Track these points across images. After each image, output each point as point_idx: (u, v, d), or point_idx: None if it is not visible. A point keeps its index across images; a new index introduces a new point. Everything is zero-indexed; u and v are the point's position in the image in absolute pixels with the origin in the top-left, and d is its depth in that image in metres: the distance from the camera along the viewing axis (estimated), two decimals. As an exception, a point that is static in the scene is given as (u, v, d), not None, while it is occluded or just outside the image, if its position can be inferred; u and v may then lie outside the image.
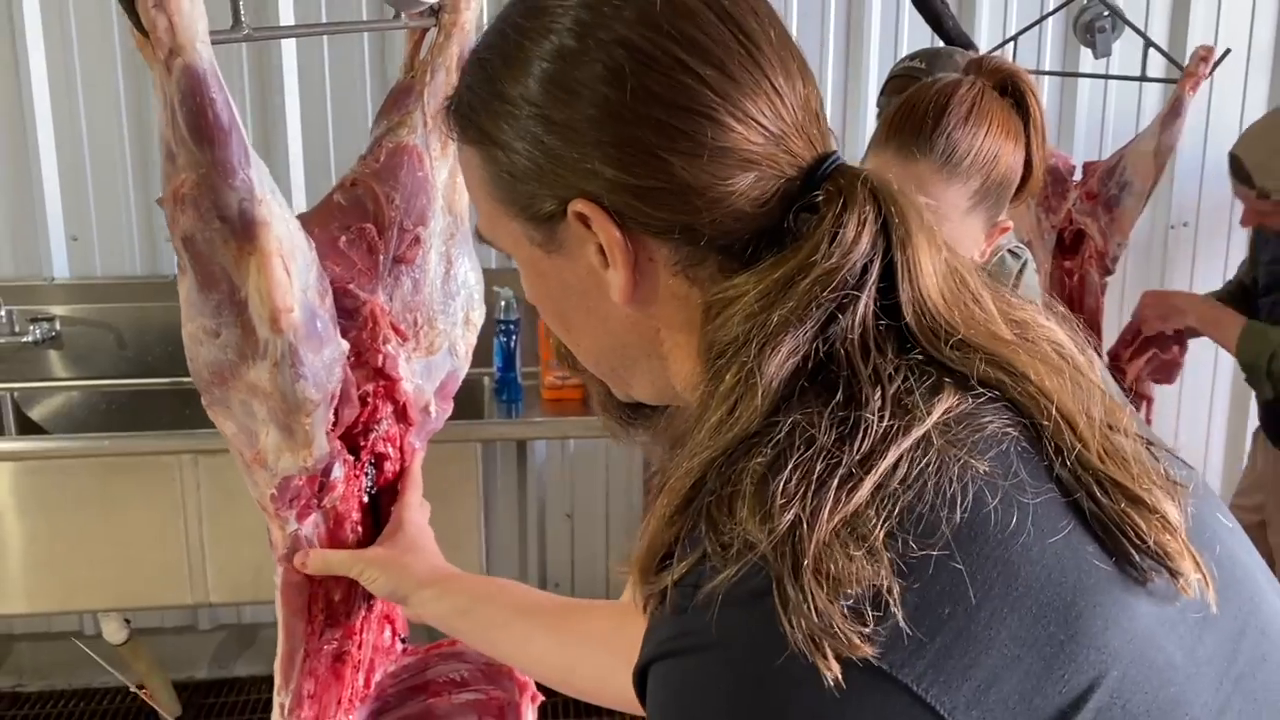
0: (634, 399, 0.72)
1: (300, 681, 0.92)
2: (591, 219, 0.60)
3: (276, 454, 0.85)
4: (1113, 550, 0.55)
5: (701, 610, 0.52)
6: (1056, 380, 0.58)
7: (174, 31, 0.72)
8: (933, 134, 1.24)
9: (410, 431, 0.98)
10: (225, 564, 2.16)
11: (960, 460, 0.54)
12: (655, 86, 0.58)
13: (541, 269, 0.66)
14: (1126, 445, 0.58)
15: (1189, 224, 2.90)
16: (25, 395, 2.50)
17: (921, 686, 0.50)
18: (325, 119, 2.56)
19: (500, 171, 0.63)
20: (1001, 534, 0.53)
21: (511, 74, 0.61)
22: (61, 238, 2.56)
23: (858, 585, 0.50)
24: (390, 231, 0.91)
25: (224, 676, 2.84)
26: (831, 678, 0.49)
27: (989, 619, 0.51)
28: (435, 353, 0.97)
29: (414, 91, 0.94)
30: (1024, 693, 0.51)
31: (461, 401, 2.58)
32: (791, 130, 0.61)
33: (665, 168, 0.59)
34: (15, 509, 2.12)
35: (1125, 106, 2.78)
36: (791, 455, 0.53)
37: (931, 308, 0.59)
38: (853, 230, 0.58)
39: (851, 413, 0.54)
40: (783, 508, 0.52)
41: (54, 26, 2.45)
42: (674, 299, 0.63)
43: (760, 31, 0.61)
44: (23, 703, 2.76)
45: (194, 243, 0.78)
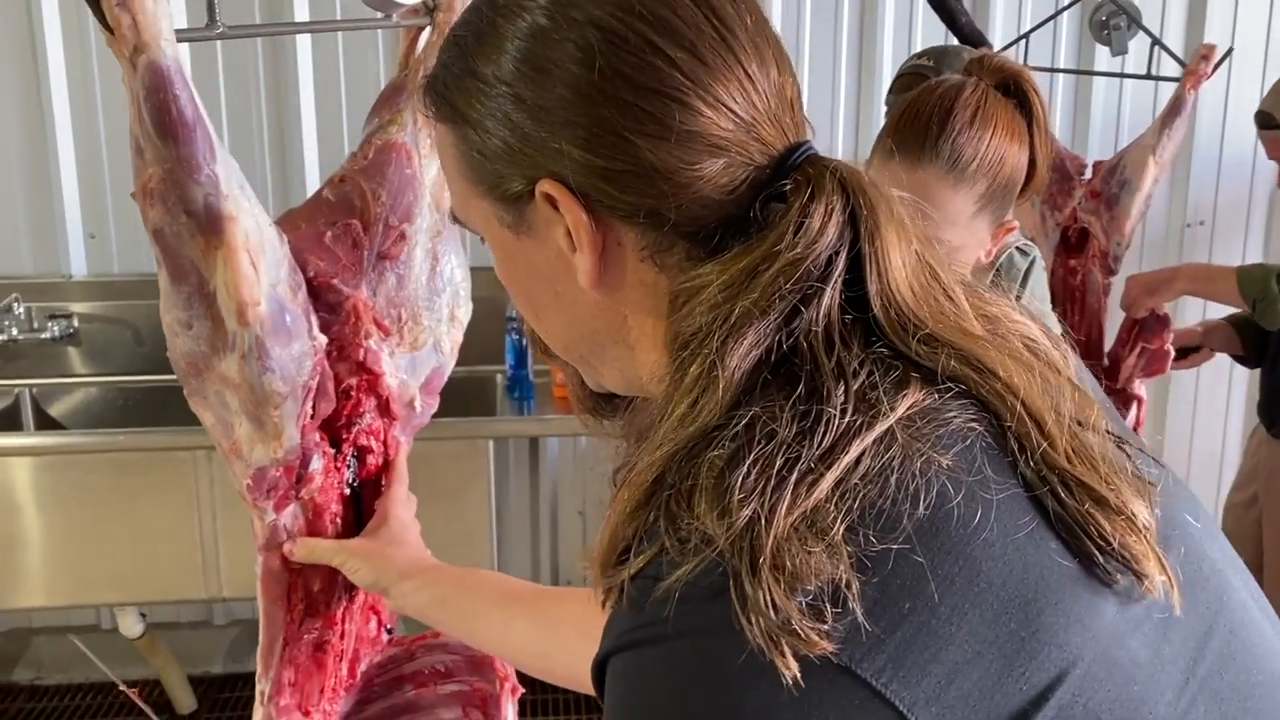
0: (606, 388, 0.71)
1: (280, 669, 0.93)
2: (559, 200, 0.59)
3: (250, 445, 0.86)
4: (1076, 550, 0.54)
5: (659, 605, 0.51)
6: (1025, 377, 0.57)
7: (138, 29, 0.73)
8: (938, 140, 1.24)
9: (394, 426, 0.99)
10: (238, 559, 2.18)
11: (924, 455, 0.53)
12: (624, 67, 0.57)
13: (510, 250, 0.65)
14: (1096, 443, 0.58)
15: (1205, 222, 2.88)
16: (44, 391, 2.53)
17: (880, 681, 0.49)
18: (340, 117, 2.58)
19: (472, 150, 0.62)
20: (963, 529, 0.52)
21: (484, 52, 0.61)
22: (80, 236, 2.59)
23: (816, 580, 0.49)
24: (376, 227, 0.92)
25: (239, 671, 2.86)
26: (790, 676, 0.48)
27: (949, 614, 0.51)
28: (420, 348, 0.98)
29: (405, 90, 0.95)
30: (985, 689, 0.50)
31: (474, 399, 2.59)
32: (764, 118, 0.60)
33: (632, 150, 0.58)
34: (34, 503, 2.15)
35: (1141, 105, 2.75)
36: (751, 450, 0.52)
37: (899, 301, 0.58)
38: (819, 220, 0.57)
39: (813, 406, 0.54)
40: (741, 503, 0.51)
41: (72, 27, 2.49)
42: (641, 285, 0.62)
43: (735, 17, 0.60)
44: (41, 695, 2.80)
45: (164, 236, 0.79)
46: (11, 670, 2.83)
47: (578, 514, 2.84)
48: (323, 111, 2.58)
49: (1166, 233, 2.87)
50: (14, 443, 2.25)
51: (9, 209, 2.56)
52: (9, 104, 2.51)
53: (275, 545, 0.92)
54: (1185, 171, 2.83)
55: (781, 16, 2.65)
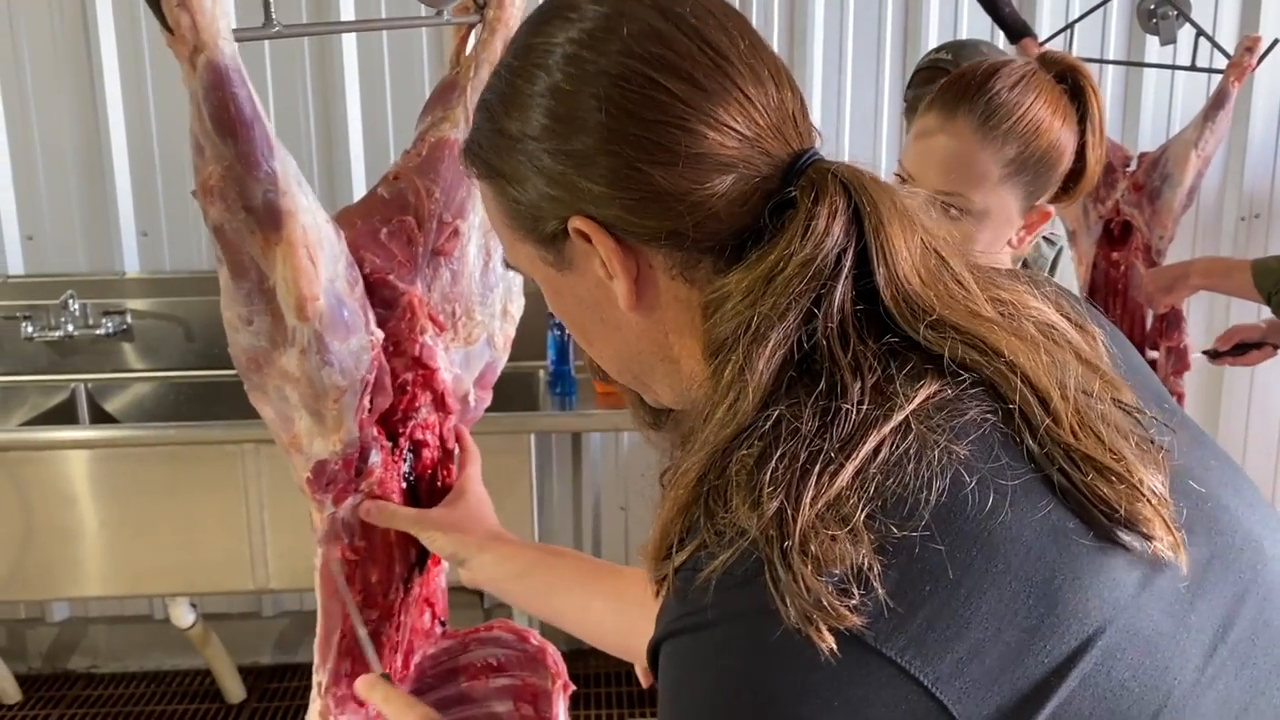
0: (663, 404, 0.75)
1: (338, 661, 0.94)
2: (590, 234, 0.64)
3: (309, 438, 0.87)
4: (1089, 523, 0.57)
5: (700, 593, 0.55)
6: (1030, 355, 0.60)
7: (197, 29, 0.75)
8: (975, 95, 1.24)
9: (449, 420, 1.00)
10: (285, 551, 2.22)
11: (940, 445, 0.56)
12: (630, 105, 0.62)
13: (557, 287, 0.70)
14: (1103, 413, 0.61)
15: (1261, 216, 2.82)
16: (98, 386, 2.58)
17: (905, 659, 0.53)
18: (385, 115, 2.61)
19: (510, 200, 0.68)
20: (980, 514, 0.55)
21: (509, 112, 0.66)
22: (133, 234, 2.64)
23: (841, 564, 0.53)
24: (430, 224, 0.93)
25: (287, 662, 2.91)
26: (826, 649, 0.52)
27: (968, 595, 0.54)
28: (474, 343, 0.99)
29: (458, 87, 0.96)
30: (1005, 664, 0.54)
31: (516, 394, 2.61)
32: (766, 132, 0.64)
33: (646, 179, 0.62)
34: (89, 495, 2.20)
35: (1192, 96, 2.71)
36: (778, 446, 0.56)
37: (908, 288, 0.61)
38: (824, 220, 0.60)
39: (833, 402, 0.57)
40: (769, 495, 0.55)
41: (126, 30, 2.53)
42: (676, 302, 0.66)
43: (728, 44, 0.64)
44: (97, 683, 2.86)
45: (223, 233, 0.80)
46: (68, 658, 2.90)
47: (619, 509, 2.85)
48: (368, 110, 2.61)
49: (1220, 226, 2.82)
50: (70, 436, 2.31)
51: (65, 208, 2.62)
52: (65, 106, 2.56)
53: (335, 538, 0.93)
54: (1240, 164, 2.78)
55: (825, 9, 2.63)
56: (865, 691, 0.53)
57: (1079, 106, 1.28)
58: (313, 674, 0.97)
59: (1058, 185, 1.30)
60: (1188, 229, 2.74)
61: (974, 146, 1.24)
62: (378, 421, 0.92)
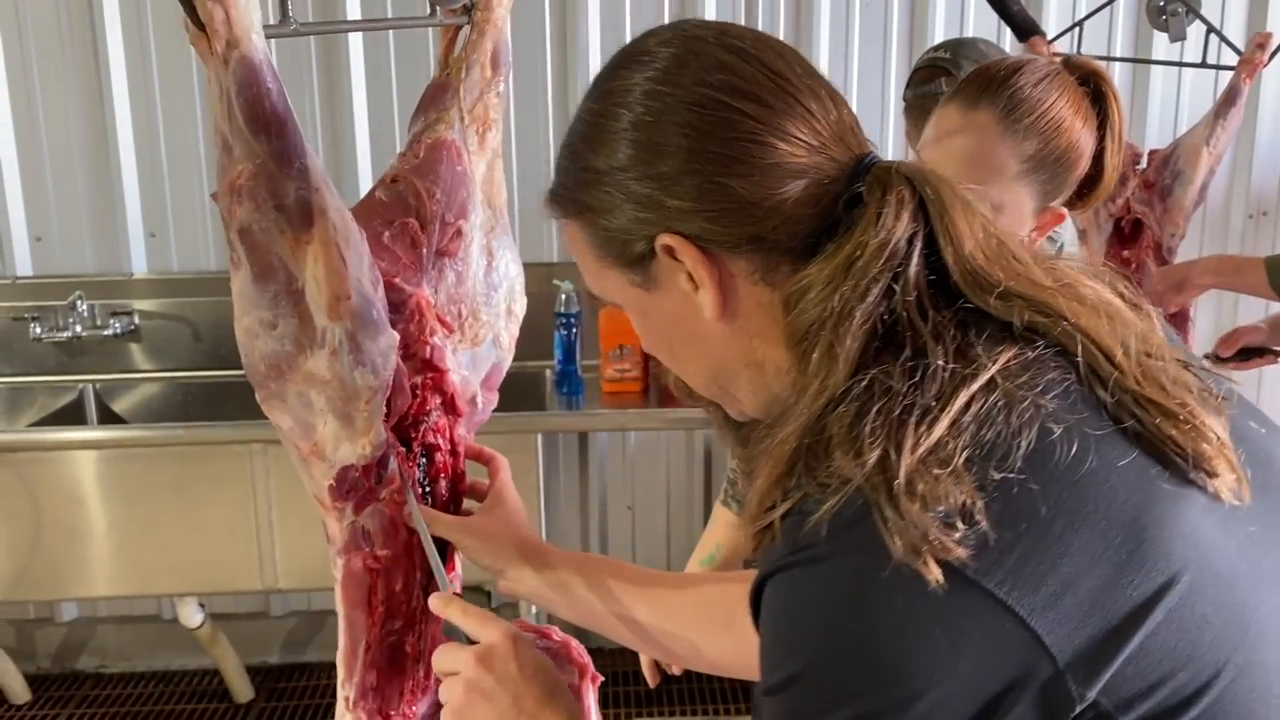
0: (746, 415, 0.80)
1: (364, 674, 0.92)
2: (676, 249, 0.70)
3: (335, 443, 0.85)
4: (1167, 467, 0.63)
5: (809, 534, 0.61)
6: (1093, 319, 0.67)
7: (230, 23, 0.74)
8: (999, 88, 1.24)
9: (459, 423, 0.98)
10: (294, 551, 2.22)
11: (1026, 400, 0.62)
12: (707, 127, 0.69)
13: (644, 307, 0.76)
14: (1163, 368, 0.66)
15: (1269, 213, 2.81)
16: (106, 387, 2.59)
17: (1003, 591, 0.58)
18: (391, 114, 2.61)
19: (599, 232, 0.74)
20: (1068, 460, 0.61)
21: (593, 149, 0.73)
22: (140, 234, 2.65)
23: (946, 502, 0.58)
24: (432, 225, 0.92)
25: (295, 661, 2.91)
26: (934, 578, 0.57)
27: (1061, 533, 0.59)
28: (480, 344, 0.98)
29: (450, 88, 0.95)
30: (1096, 597, 0.59)
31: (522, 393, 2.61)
32: (829, 141, 0.70)
33: (727, 190, 0.69)
34: (98, 495, 2.21)
35: (1200, 93, 2.69)
36: (873, 404, 0.62)
37: (974, 266, 0.67)
38: (893, 209, 0.67)
39: (919, 361, 0.63)
40: (870, 445, 0.61)
41: (133, 32, 2.54)
42: (758, 307, 0.72)
43: (787, 68, 0.71)
44: (105, 683, 2.87)
45: (251, 234, 0.78)
46: (77, 658, 2.91)
47: (626, 508, 2.85)
48: (374, 109, 2.61)
49: (1228, 223, 2.81)
50: (78, 436, 2.32)
51: (72, 209, 2.62)
52: (72, 107, 2.57)
53: (356, 547, 0.91)
54: (1248, 161, 2.77)
55: (831, 8, 2.63)
56: (965, 621, 0.58)
57: (1099, 112, 1.28)
58: (338, 688, 0.95)
59: (1073, 188, 1.29)
60: (1195, 227, 2.73)
61: (994, 139, 1.24)
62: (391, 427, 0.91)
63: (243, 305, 0.82)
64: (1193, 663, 0.61)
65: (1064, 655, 0.58)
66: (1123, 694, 0.60)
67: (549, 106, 2.64)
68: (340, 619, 0.93)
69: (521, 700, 0.81)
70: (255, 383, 0.86)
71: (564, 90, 2.64)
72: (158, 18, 2.54)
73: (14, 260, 2.63)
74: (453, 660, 0.83)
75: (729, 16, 2.60)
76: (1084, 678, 0.59)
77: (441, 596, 0.88)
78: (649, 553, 2.86)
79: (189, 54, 2.55)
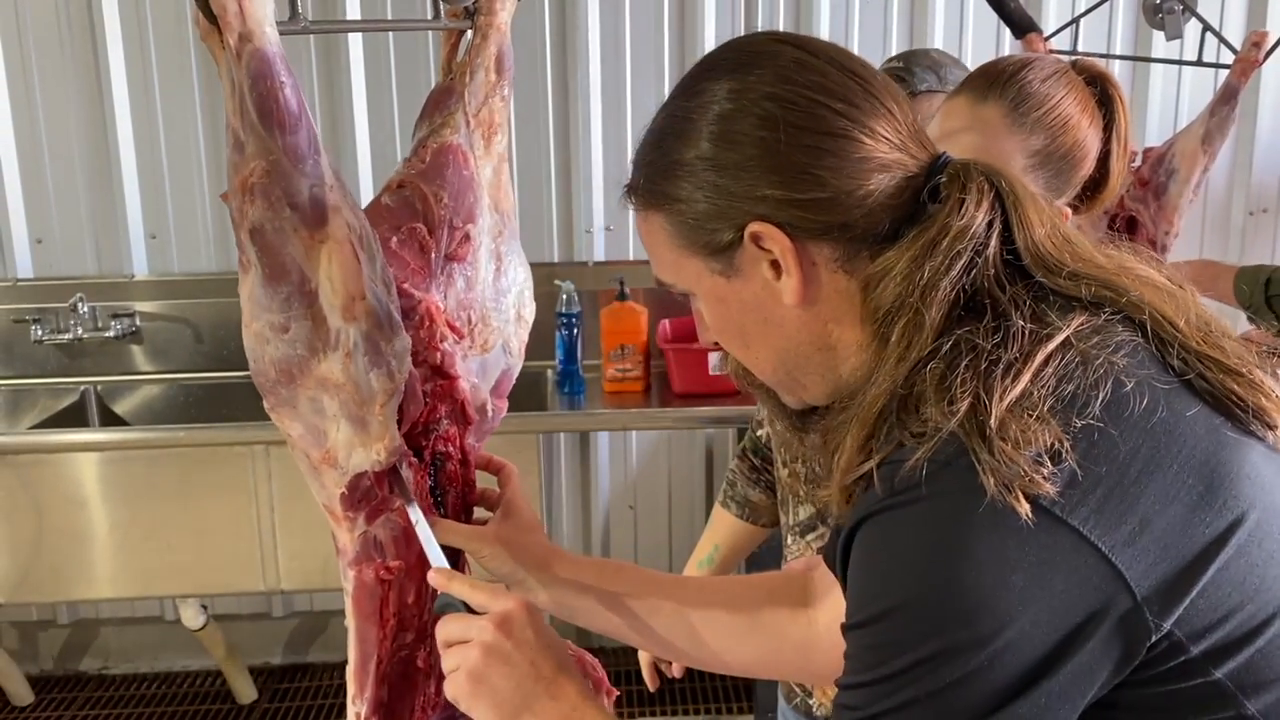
0: (806, 403, 0.83)
1: (375, 689, 0.90)
2: (764, 236, 0.74)
3: (348, 450, 0.83)
4: (1230, 418, 0.69)
5: (908, 477, 0.66)
6: (1155, 293, 0.73)
7: (244, 16, 0.72)
8: (1007, 82, 1.24)
9: (469, 431, 0.96)
10: (296, 552, 2.22)
11: (1099, 357, 0.67)
12: (801, 122, 0.73)
13: (721, 294, 0.78)
14: (1221, 338, 0.72)
15: (1269, 210, 2.81)
16: (108, 389, 2.59)
17: (1087, 528, 0.63)
18: (392, 119, 2.61)
19: (684, 221, 0.77)
20: (1141, 409, 0.66)
21: (682, 142, 0.76)
22: (141, 237, 2.65)
23: (1036, 444, 0.63)
24: (441, 230, 0.90)
25: (297, 662, 2.92)
26: (1025, 512, 0.62)
27: (1138, 475, 0.64)
28: (489, 350, 0.96)
29: (455, 92, 0.94)
30: (1171, 534, 0.64)
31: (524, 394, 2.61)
32: (908, 139, 0.76)
33: (819, 180, 0.73)
34: (99, 497, 2.21)
35: (1200, 91, 2.69)
36: (961, 359, 0.68)
37: (1044, 251, 0.73)
38: (974, 198, 0.73)
39: (1001, 323, 0.69)
40: (961, 394, 0.66)
41: (133, 33, 2.54)
42: (837, 293, 0.76)
43: (868, 73, 0.77)
44: (108, 684, 2.87)
45: (263, 234, 0.76)
46: (80, 660, 2.91)
47: (628, 508, 2.85)
48: (374, 111, 2.61)
49: (1229, 221, 2.81)
50: (80, 439, 2.32)
51: (73, 211, 2.62)
52: (72, 110, 2.57)
53: (368, 558, 0.89)
54: (1248, 159, 2.77)
55: (830, 8, 2.63)
56: (1052, 555, 0.62)
57: (1105, 115, 1.28)
58: (348, 705, 0.92)
59: (1077, 188, 1.29)
60: (1195, 225, 2.74)
61: (1001, 133, 1.23)
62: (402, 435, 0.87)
63: (252, 309, 0.80)
64: (1260, 594, 0.66)
65: (1142, 589, 0.63)
66: (1195, 625, 0.64)
67: (549, 110, 2.64)
68: (350, 633, 0.91)
69: (540, 665, 0.81)
70: (264, 390, 0.83)
71: (563, 94, 2.64)
72: (157, 19, 2.54)
73: (15, 262, 2.63)
74: (464, 628, 0.82)
75: (729, 16, 2.61)
76: (1160, 610, 0.64)
77: (443, 571, 0.86)
78: (650, 552, 2.87)
79: (189, 55, 2.55)
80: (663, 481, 2.84)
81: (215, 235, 2.65)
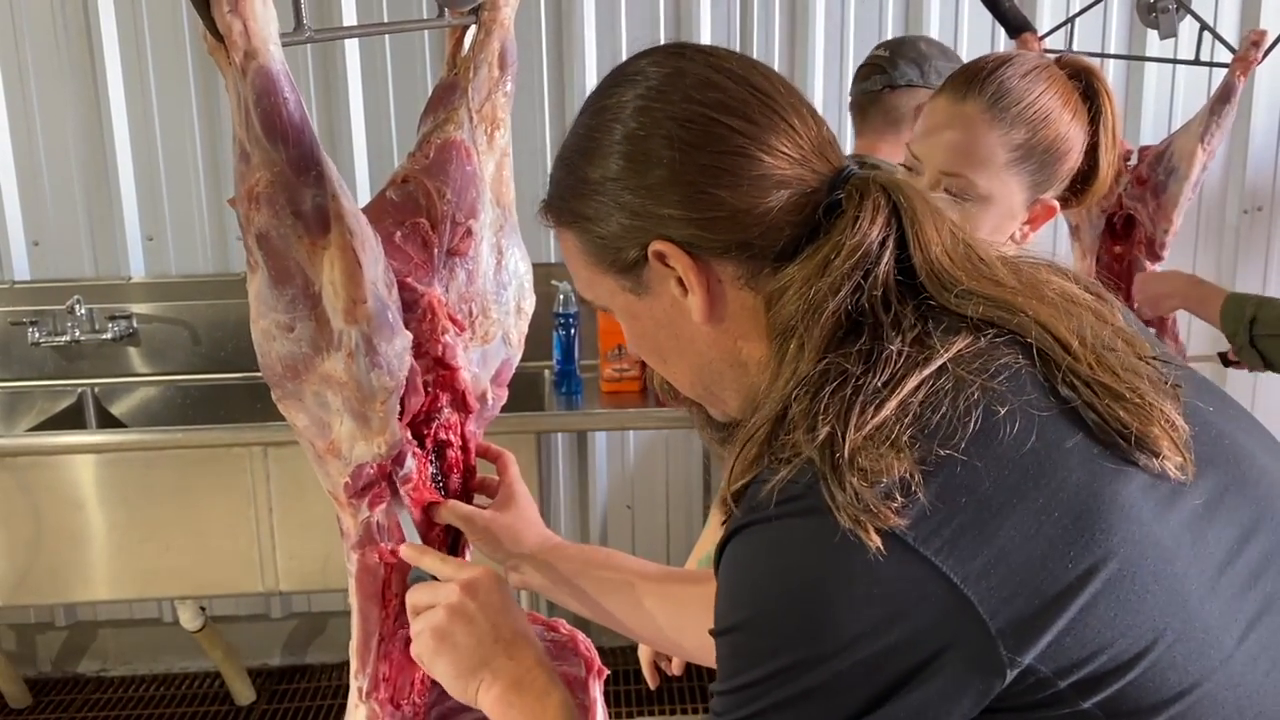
0: (730, 416, 0.83)
1: (377, 665, 0.94)
2: (667, 255, 0.75)
3: (351, 442, 0.87)
4: (1111, 447, 0.66)
5: (764, 500, 0.66)
6: (1049, 311, 0.71)
7: (249, 35, 0.75)
8: (986, 78, 1.26)
9: (469, 420, 0.99)
10: (294, 553, 2.22)
11: (975, 383, 0.66)
12: (698, 141, 0.73)
13: (635, 311, 0.80)
14: (1119, 357, 0.70)
15: (1264, 208, 2.82)
16: (105, 390, 2.59)
17: (940, 558, 0.62)
18: (389, 117, 2.61)
19: (593, 239, 0.78)
20: (1011, 439, 0.65)
21: (590, 161, 0.77)
22: (138, 238, 2.65)
23: (888, 475, 0.62)
24: (443, 225, 0.92)
25: (296, 663, 2.92)
26: (874, 546, 0.61)
27: (1000, 507, 0.63)
28: (490, 341, 0.99)
29: (458, 88, 0.96)
30: (1031, 568, 0.62)
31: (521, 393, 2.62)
32: (810, 154, 0.75)
33: (717, 200, 0.73)
34: (97, 499, 2.21)
35: (1194, 90, 2.71)
36: (828, 384, 0.67)
37: (939, 267, 0.72)
38: (869, 214, 0.72)
39: (875, 347, 0.68)
40: (822, 422, 0.65)
41: (129, 36, 2.54)
42: (743, 310, 0.76)
43: (770, 88, 0.76)
44: (106, 686, 2.87)
45: (268, 240, 0.80)
46: (78, 662, 2.91)
47: (626, 508, 2.86)
48: (370, 110, 2.61)
49: (1223, 219, 2.82)
50: (77, 441, 2.31)
51: (70, 213, 2.62)
52: (69, 112, 2.57)
53: (370, 541, 0.92)
54: (1242, 157, 2.78)
55: (826, 7, 2.64)
56: (901, 584, 0.62)
57: (1091, 108, 1.29)
58: (350, 680, 0.96)
59: (1064, 182, 1.30)
60: (1190, 223, 2.74)
61: (982, 129, 1.25)
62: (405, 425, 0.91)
63: (259, 308, 0.84)
64: (1132, 630, 0.64)
65: (996, 621, 0.62)
66: (1061, 661, 0.63)
67: (545, 107, 2.64)
68: (354, 613, 0.95)
69: (500, 628, 0.84)
70: (271, 382, 0.87)
71: (560, 91, 2.65)
72: (154, 22, 2.54)
73: (12, 265, 2.63)
74: (431, 593, 0.86)
75: (724, 16, 2.62)
76: (1016, 644, 0.62)
77: (414, 546, 0.92)
78: (648, 552, 2.86)
79: (185, 58, 2.56)
80: (660, 481, 2.85)
81: (212, 237, 2.65)
